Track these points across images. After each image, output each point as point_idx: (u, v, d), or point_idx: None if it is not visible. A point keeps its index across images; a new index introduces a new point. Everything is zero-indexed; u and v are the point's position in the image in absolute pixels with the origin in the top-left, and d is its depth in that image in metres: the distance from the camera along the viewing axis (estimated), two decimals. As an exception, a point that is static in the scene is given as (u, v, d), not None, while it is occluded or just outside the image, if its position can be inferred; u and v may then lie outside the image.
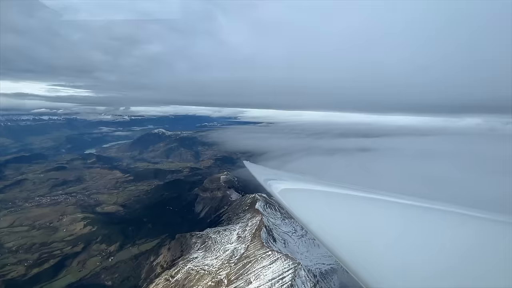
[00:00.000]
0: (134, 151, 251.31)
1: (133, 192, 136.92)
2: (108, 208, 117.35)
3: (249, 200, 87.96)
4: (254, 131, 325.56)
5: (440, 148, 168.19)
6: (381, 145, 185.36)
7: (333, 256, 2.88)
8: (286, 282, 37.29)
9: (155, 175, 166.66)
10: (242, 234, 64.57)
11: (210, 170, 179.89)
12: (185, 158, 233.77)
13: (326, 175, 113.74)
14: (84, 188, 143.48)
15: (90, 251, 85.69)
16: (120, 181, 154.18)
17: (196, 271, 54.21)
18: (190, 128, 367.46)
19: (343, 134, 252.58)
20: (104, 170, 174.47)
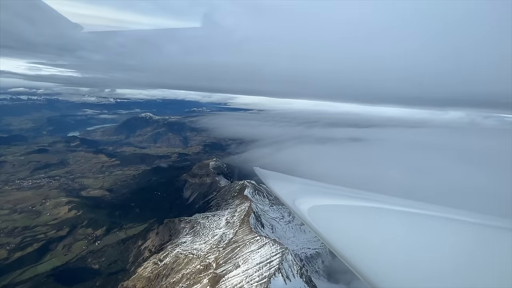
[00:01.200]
0: (120, 135, 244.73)
1: (120, 177, 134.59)
2: (93, 192, 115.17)
3: (238, 186, 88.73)
4: (244, 118, 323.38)
5: (427, 140, 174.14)
6: (371, 135, 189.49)
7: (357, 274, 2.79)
8: (274, 265, 38.49)
9: (142, 160, 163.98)
10: (231, 219, 65.50)
11: (199, 156, 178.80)
12: (173, 144, 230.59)
13: (320, 165, 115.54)
14: (68, 171, 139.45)
15: (75, 235, 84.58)
16: (106, 165, 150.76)
17: (185, 255, 54.95)
18: (179, 113, 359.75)
19: (333, 124, 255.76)
20: (89, 154, 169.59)
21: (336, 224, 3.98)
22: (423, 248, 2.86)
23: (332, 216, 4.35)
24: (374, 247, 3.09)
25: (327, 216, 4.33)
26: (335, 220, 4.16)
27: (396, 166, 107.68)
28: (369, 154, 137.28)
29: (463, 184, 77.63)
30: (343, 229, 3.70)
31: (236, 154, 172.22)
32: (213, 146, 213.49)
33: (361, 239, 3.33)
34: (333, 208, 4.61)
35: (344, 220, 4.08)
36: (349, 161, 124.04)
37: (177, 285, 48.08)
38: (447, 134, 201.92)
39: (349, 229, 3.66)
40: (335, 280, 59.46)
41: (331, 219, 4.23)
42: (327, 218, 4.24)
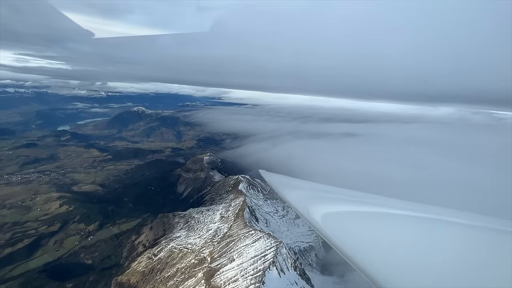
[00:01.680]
0: (112, 129, 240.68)
1: (112, 172, 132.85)
2: (85, 187, 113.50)
3: (232, 181, 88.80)
4: (239, 113, 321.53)
5: (420, 135, 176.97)
6: (366, 131, 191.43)
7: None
8: (268, 259, 38.92)
9: (135, 154, 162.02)
10: (225, 214, 65.69)
11: (192, 150, 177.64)
12: (167, 138, 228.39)
13: (316, 160, 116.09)
14: (59, 166, 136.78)
15: (67, 230, 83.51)
16: (97, 160, 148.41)
17: (179, 250, 55.00)
18: (172, 107, 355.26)
19: (328, 119, 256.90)
20: (80, 148, 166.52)
21: (342, 226, 3.98)
22: (431, 251, 2.86)
23: (338, 217, 4.31)
24: (381, 250, 3.10)
25: (334, 217, 4.28)
26: (341, 221, 4.15)
27: (391, 161, 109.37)
28: (364, 150, 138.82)
29: (457, 180, 79.51)
30: (351, 232, 3.68)
31: (230, 149, 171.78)
32: (207, 140, 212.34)
33: (369, 242, 3.35)
34: (339, 210, 4.58)
35: (351, 222, 4.06)
36: (345, 156, 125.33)
37: (172, 279, 48.22)
38: (439, 130, 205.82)
39: (357, 232, 3.65)
40: (329, 272, 60.70)
41: (337, 220, 4.19)
42: (334, 220, 4.19)
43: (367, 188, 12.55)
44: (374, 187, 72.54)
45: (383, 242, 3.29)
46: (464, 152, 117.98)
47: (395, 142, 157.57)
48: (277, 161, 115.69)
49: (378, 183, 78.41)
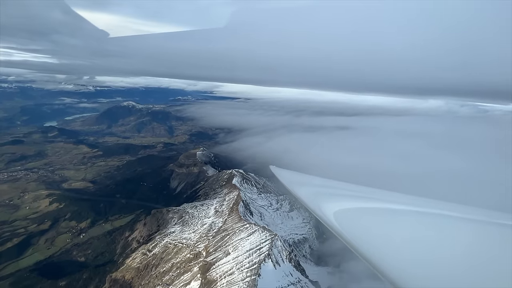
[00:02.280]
0: (102, 124, 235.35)
1: (103, 168, 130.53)
2: (76, 184, 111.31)
3: (226, 175, 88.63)
4: (231, 107, 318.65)
5: (412, 128, 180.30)
6: (358, 124, 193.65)
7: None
8: (264, 252, 39.33)
9: (126, 150, 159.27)
10: (220, 208, 65.76)
11: (185, 145, 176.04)
12: (158, 133, 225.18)
13: (312, 154, 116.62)
14: (47, 163, 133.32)
15: (58, 228, 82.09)
16: (87, 157, 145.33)
17: (174, 245, 54.95)
18: (163, 102, 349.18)
19: (321, 112, 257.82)
20: (69, 145, 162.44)
21: (355, 222, 3.91)
22: (445, 248, 2.83)
23: (350, 214, 4.25)
24: (395, 247, 3.07)
25: (346, 214, 4.22)
26: (353, 218, 4.09)
27: (386, 154, 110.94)
28: (358, 143, 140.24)
29: (453, 172, 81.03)
30: (364, 228, 3.64)
31: (224, 144, 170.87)
32: (200, 135, 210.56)
33: (383, 238, 3.32)
34: (351, 206, 4.54)
35: (364, 219, 4.01)
36: (340, 149, 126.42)
37: (167, 274, 48.28)
38: (429, 122, 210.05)
39: (370, 229, 3.61)
40: (323, 263, 61.93)
41: (350, 217, 4.13)
42: (346, 216, 4.13)
43: (365, 181, 12.85)
44: (372, 180, 73.38)
45: (396, 239, 3.27)
46: (457, 144, 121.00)
47: (388, 135, 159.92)
48: (272, 155, 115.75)
49: (376, 176, 79.30)
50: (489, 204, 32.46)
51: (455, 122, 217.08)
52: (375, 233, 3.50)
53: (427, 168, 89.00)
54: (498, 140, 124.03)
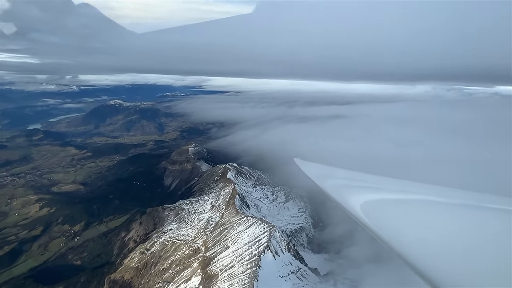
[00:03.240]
0: (89, 125, 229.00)
1: (93, 169, 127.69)
2: (66, 187, 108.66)
3: (220, 170, 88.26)
4: (222, 101, 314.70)
5: (404, 114, 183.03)
6: (350, 112, 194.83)
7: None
8: (263, 243, 39.65)
9: (116, 150, 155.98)
10: (216, 203, 65.65)
11: (176, 142, 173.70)
12: (148, 131, 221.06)
13: (311, 144, 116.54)
14: (34, 167, 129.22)
15: (51, 233, 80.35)
16: (76, 158, 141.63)
17: (172, 242, 54.73)
18: (151, 99, 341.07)
19: (312, 102, 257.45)
20: (55, 147, 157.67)
21: (383, 214, 3.72)
22: (485, 245, 2.61)
23: (378, 206, 4.06)
24: (427, 240, 2.88)
25: (374, 206, 4.03)
26: (381, 210, 3.89)
27: (383, 141, 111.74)
28: (353, 131, 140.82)
29: (452, 157, 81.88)
30: (393, 221, 3.47)
31: (216, 139, 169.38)
32: (191, 131, 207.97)
33: (413, 231, 3.16)
34: (378, 198, 4.34)
35: (392, 211, 3.81)
36: (337, 138, 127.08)
37: (167, 271, 48.20)
38: (419, 108, 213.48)
39: (399, 221, 3.44)
40: (323, 250, 63.25)
41: (377, 209, 3.94)
42: (374, 209, 3.94)
43: (369, 169, 12.77)
44: (376, 168, 73.80)
45: (428, 232, 3.09)
46: (449, 129, 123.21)
47: (381, 121, 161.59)
48: (268, 148, 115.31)
49: (378, 163, 79.35)
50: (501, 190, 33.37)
51: (443, 106, 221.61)
52: (407, 226, 3.33)
53: (426, 153, 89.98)
54: (487, 122, 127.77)
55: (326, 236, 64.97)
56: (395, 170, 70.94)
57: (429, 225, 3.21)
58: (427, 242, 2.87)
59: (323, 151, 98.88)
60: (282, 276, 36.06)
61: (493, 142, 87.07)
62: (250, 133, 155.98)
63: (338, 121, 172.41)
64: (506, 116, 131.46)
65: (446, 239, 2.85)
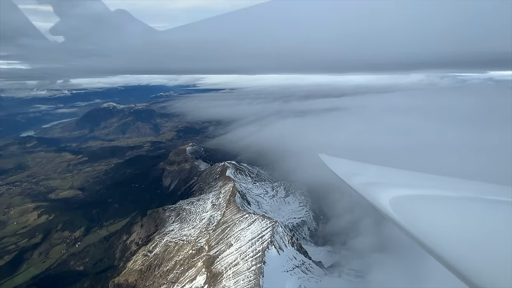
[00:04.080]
0: (83, 129, 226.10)
1: (91, 174, 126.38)
2: (63, 193, 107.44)
3: (219, 168, 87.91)
4: (218, 99, 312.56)
5: (401, 103, 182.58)
6: (348, 104, 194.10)
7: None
8: (266, 239, 39.59)
9: (113, 153, 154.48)
10: (217, 201, 65.44)
11: (173, 142, 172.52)
12: (144, 132, 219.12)
13: (314, 137, 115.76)
14: (29, 175, 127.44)
15: (51, 240, 79.58)
16: (72, 164, 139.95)
17: (175, 243, 54.50)
18: (145, 100, 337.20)
19: (308, 96, 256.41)
20: (50, 154, 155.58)
21: (414, 211, 3.54)
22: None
23: (408, 202, 3.85)
24: (461, 238, 2.69)
25: (404, 202, 3.83)
26: (412, 206, 3.71)
27: (386, 131, 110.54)
28: (354, 122, 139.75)
29: (462, 144, 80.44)
30: (431, 222, 3.26)
31: (215, 137, 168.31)
32: (187, 130, 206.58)
33: (446, 229, 2.95)
34: (409, 194, 4.13)
35: (423, 207, 3.62)
36: (337, 130, 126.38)
37: (171, 272, 48.04)
38: (415, 97, 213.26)
39: (437, 222, 3.24)
40: (324, 243, 63.56)
41: (408, 205, 3.73)
42: (404, 205, 3.75)
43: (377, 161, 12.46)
44: (383, 159, 73.40)
45: (461, 229, 2.89)
46: (452, 117, 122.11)
47: (379, 112, 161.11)
48: (267, 143, 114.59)
49: (385, 154, 78.34)
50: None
51: (439, 94, 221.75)
52: (440, 224, 3.12)
53: (433, 142, 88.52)
54: (487, 109, 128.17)
55: (330, 229, 65.24)
56: (404, 160, 70.30)
57: (462, 222, 2.99)
58: (462, 240, 2.65)
59: (327, 145, 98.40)
60: (287, 271, 36.09)
61: (499, 128, 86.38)
62: (248, 130, 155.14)
63: (336, 113, 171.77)
64: (504, 102, 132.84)
65: (484, 237, 2.62)
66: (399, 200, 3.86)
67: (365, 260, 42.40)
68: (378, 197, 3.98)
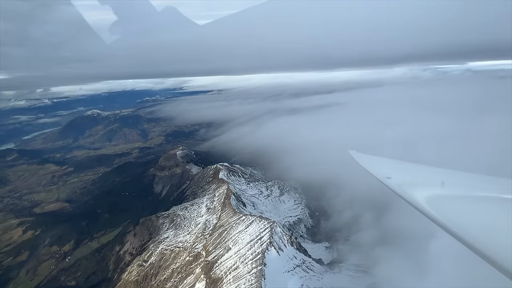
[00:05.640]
0: (67, 138, 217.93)
1: (77, 184, 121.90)
2: (49, 207, 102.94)
3: (211, 171, 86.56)
4: (206, 101, 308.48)
5: (393, 96, 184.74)
6: (339, 100, 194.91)
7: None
8: (265, 240, 38.97)
9: (100, 161, 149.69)
10: (211, 205, 64.23)
11: (162, 147, 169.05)
12: (131, 139, 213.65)
13: (309, 134, 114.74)
14: (11, 190, 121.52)
15: (39, 256, 75.97)
16: (57, 175, 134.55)
17: (171, 250, 53.01)
18: (130, 105, 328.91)
19: (298, 94, 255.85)
20: (33, 166, 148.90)
21: (454, 209, 3.48)
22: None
23: (448, 201, 3.77)
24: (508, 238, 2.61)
25: (443, 201, 3.74)
26: (452, 205, 3.64)
27: (384, 124, 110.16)
28: (347, 118, 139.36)
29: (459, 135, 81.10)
30: (467, 217, 3.24)
31: (205, 140, 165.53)
32: (176, 134, 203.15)
33: (498, 233, 2.84)
34: (447, 193, 4.01)
35: (466, 208, 3.57)
36: (333, 126, 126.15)
37: (169, 281, 46.61)
38: (404, 90, 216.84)
39: (474, 219, 3.19)
40: (321, 239, 63.57)
41: (447, 204, 3.63)
42: (444, 204, 3.65)
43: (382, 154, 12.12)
44: (390, 153, 73.33)
45: (504, 229, 2.79)
46: (440, 108, 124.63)
47: (374, 106, 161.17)
48: (262, 143, 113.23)
49: (390, 148, 77.68)
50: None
51: (424, 87, 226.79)
52: (481, 224, 3.05)
53: (434, 134, 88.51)
54: (470, 99, 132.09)
55: (332, 225, 65.19)
56: (406, 153, 70.18)
57: (505, 222, 2.84)
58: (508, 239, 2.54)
59: (324, 141, 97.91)
60: (288, 271, 35.62)
61: (488, 118, 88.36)
62: (241, 130, 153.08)
63: (328, 109, 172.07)
64: (484, 92, 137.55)
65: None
66: (437, 199, 3.80)
67: (369, 254, 42.51)
68: (414, 195, 3.89)
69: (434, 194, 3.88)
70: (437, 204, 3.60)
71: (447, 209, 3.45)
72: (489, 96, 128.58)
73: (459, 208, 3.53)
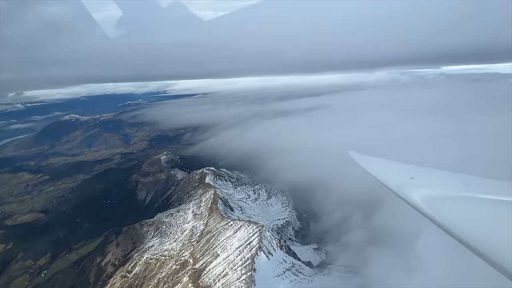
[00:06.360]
0: (42, 145, 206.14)
1: (54, 193, 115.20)
2: (22, 218, 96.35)
3: (197, 176, 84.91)
4: (192, 104, 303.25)
5: (374, 99, 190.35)
6: (324, 103, 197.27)
7: None
8: (254, 245, 38.39)
9: (79, 168, 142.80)
10: (198, 211, 62.79)
11: (145, 152, 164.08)
12: (112, 144, 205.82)
13: (297, 136, 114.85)
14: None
15: (11, 272, 70.69)
16: (31, 184, 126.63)
17: (156, 259, 51.05)
18: (111, 109, 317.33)
19: (284, 97, 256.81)
20: (4, 175, 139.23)
21: (460, 213, 3.54)
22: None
23: (453, 204, 3.81)
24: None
25: (449, 205, 3.77)
26: (457, 209, 3.71)
27: (373, 126, 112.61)
28: (335, 120, 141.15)
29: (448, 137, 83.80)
30: (468, 220, 3.27)
31: (190, 144, 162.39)
32: (160, 139, 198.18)
33: (497, 233, 2.95)
34: (452, 196, 4.14)
35: (466, 209, 3.67)
36: (322, 128, 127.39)
37: (155, 292, 44.72)
38: (387, 93, 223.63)
39: (475, 221, 3.27)
40: (310, 241, 63.72)
41: (453, 208, 3.67)
42: (449, 207, 3.67)
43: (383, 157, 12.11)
44: (386, 154, 74.04)
45: (504, 230, 2.90)
46: (423, 110, 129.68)
47: (357, 109, 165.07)
48: (249, 146, 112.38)
49: (375, 150, 79.02)
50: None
51: (403, 90, 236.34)
52: (481, 224, 3.14)
53: (419, 135, 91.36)
54: (446, 101, 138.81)
55: (322, 227, 65.49)
56: (397, 154, 71.32)
57: (505, 223, 2.93)
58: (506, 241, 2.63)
59: (312, 144, 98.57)
60: (279, 275, 35.23)
61: (466, 119, 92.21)
62: (228, 134, 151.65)
63: (318, 111, 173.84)
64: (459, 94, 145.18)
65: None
66: (437, 200, 3.92)
67: (358, 255, 43.02)
68: (414, 197, 3.97)
69: (434, 195, 4.02)
70: (437, 204, 3.73)
71: (446, 210, 3.51)
72: (465, 99, 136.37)
73: (458, 209, 3.63)
